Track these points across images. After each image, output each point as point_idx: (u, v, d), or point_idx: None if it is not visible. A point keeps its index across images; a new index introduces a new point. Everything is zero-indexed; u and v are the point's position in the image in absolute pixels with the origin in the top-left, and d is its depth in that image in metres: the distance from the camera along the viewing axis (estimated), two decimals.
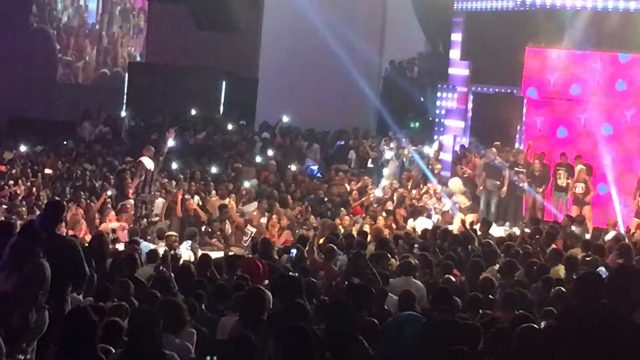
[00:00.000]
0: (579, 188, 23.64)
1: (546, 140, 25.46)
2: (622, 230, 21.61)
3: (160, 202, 22.37)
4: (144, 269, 13.88)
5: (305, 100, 32.56)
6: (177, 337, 8.90)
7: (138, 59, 37.78)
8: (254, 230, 21.05)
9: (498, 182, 24.34)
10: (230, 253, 17.36)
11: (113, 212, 20.60)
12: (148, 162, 22.34)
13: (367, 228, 20.74)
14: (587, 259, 15.71)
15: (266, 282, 12.67)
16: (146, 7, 37.13)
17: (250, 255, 16.66)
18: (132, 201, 21.50)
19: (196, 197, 22.60)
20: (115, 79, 37.00)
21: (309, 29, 33.06)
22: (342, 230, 20.49)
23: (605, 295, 7.09)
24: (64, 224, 16.93)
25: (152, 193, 22.51)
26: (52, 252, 10.08)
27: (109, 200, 21.53)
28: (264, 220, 21.78)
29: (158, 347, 7.76)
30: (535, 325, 8.88)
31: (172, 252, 16.44)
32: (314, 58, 33.14)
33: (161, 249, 16.69)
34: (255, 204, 22.73)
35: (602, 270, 12.97)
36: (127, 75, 35.91)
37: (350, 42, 32.87)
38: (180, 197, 21.60)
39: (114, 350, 8.24)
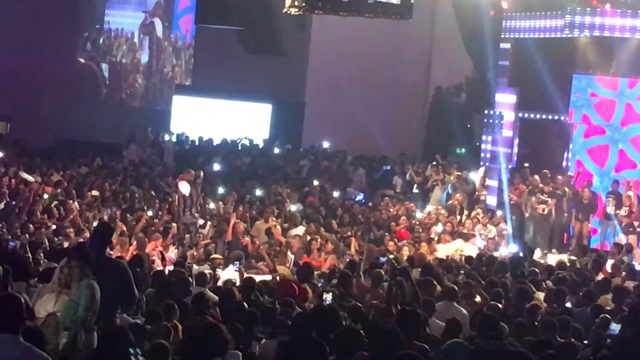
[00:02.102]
0: (624, 211, 23.46)
1: (594, 167, 25.29)
2: None
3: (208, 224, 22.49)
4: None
5: (351, 125, 32.57)
6: None
7: (185, 82, 38.11)
8: (293, 257, 20.95)
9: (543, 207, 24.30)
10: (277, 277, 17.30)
11: (159, 234, 20.59)
12: (184, 187, 22.50)
13: (406, 252, 20.64)
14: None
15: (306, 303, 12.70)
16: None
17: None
18: (175, 224, 21.59)
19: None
20: (162, 102, 37.36)
21: (357, 53, 33.19)
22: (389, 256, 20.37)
23: None
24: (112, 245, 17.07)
25: (194, 216, 22.63)
26: (101, 274, 10.14)
27: (155, 222, 21.62)
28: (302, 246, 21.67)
29: None
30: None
31: (214, 274, 16.51)
32: (361, 83, 33.15)
33: (206, 271, 16.67)
34: (300, 229, 22.62)
35: None
36: (173, 98, 36.16)
37: (397, 67, 32.93)
38: (233, 221, 21.61)
39: None
